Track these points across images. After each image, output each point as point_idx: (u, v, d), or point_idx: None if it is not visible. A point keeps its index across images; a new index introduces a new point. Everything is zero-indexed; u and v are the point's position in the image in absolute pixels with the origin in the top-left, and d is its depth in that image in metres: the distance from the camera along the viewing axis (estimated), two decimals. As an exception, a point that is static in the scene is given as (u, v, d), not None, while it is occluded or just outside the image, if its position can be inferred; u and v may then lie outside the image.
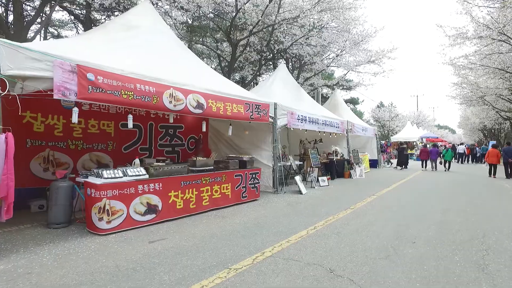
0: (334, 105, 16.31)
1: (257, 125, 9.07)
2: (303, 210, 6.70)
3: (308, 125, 10.45)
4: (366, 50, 14.39)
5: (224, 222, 5.61)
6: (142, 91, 5.28)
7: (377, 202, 7.65)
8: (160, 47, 6.97)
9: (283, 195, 8.53)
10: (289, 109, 9.52)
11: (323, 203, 7.45)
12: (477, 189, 10.32)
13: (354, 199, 7.96)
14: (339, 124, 12.74)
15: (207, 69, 8.08)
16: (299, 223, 5.60)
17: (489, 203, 7.65)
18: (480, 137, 47.21)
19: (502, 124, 31.74)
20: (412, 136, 33.30)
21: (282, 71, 12.07)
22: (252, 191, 7.58)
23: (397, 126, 39.85)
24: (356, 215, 6.23)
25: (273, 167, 8.83)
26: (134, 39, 6.49)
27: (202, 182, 6.29)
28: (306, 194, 8.71)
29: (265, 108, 8.31)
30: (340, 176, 12.84)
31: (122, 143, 7.42)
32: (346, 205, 7.19)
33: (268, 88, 11.13)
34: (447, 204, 7.45)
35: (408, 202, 7.70)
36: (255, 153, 9.25)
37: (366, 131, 16.67)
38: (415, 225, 5.49)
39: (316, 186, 10.06)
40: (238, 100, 7.36)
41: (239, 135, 9.66)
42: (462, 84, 21.39)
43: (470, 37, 11.89)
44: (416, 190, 9.79)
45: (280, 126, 9.12)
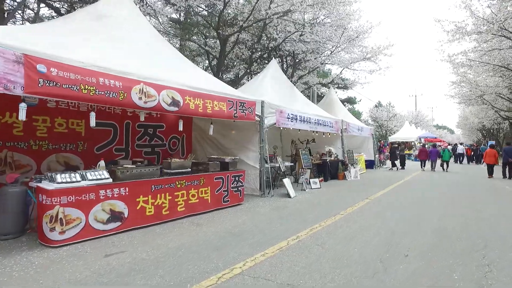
0: (329, 104, 15.78)
1: (244, 124, 8.54)
2: (288, 216, 6.16)
3: (299, 124, 9.91)
4: (361, 46, 13.86)
5: (198, 231, 5.07)
6: (106, 86, 4.73)
7: (370, 207, 7.12)
8: (134, 40, 6.44)
9: (270, 198, 8.00)
10: (278, 107, 8.99)
11: (311, 208, 6.91)
12: (477, 191, 9.80)
13: (345, 203, 7.43)
14: (333, 124, 12.21)
15: (187, 65, 7.53)
16: (281, 231, 5.06)
17: (490, 208, 7.12)
18: (478, 137, 46.80)
19: (501, 124, 31.30)
20: (410, 136, 32.83)
21: (273, 68, 11.53)
22: (235, 195, 7.04)
23: (395, 126, 39.38)
24: (346, 222, 5.70)
25: (260, 168, 8.29)
26: (103, 30, 5.95)
27: (177, 186, 5.75)
28: (294, 197, 8.17)
29: (250, 106, 7.77)
30: (334, 178, 12.31)
31: (94, 144, 6.87)
32: (336, 210, 6.65)
33: (257, 85, 10.60)
34: (445, 208, 6.92)
35: (403, 206, 7.17)
36: (242, 153, 8.72)
37: (362, 130, 16.15)
38: (409, 233, 4.96)
39: (307, 188, 9.52)
40: (220, 97, 6.83)
41: (225, 135, 9.13)
42: (461, 83, 20.91)
43: (469, 32, 11.39)
44: (413, 193, 9.27)
45: (268, 125, 8.59)
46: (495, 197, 8.75)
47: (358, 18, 13.00)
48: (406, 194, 8.96)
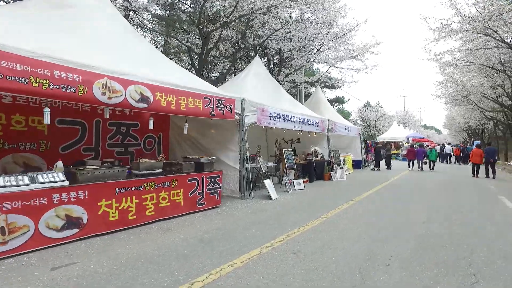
0: (315, 103, 15.49)
1: (224, 123, 8.15)
2: (266, 220, 5.79)
3: (282, 123, 9.56)
4: (347, 43, 13.57)
5: (165, 237, 4.65)
6: (62, 79, 4.28)
7: (354, 209, 6.81)
8: (101, 31, 5.96)
9: (250, 201, 7.62)
10: (260, 106, 8.62)
11: (292, 211, 6.56)
12: (463, 192, 9.62)
13: (328, 206, 7.10)
14: (318, 123, 11.91)
15: (161, 59, 7.08)
16: (256, 237, 4.68)
17: (476, 210, 6.90)
18: (464, 137, 47.40)
19: (486, 124, 31.63)
20: (398, 136, 32.96)
21: (257, 66, 11.14)
22: (212, 198, 6.64)
23: (383, 126, 39.51)
24: (327, 226, 5.36)
25: (240, 169, 7.91)
26: (64, 19, 5.47)
27: (145, 189, 5.32)
28: (276, 199, 7.81)
29: (229, 104, 7.39)
30: (319, 178, 12.01)
31: (59, 143, 6.36)
32: (318, 213, 6.31)
33: (239, 83, 10.21)
34: (430, 211, 6.66)
35: (388, 209, 6.89)
36: (222, 154, 8.33)
37: (350, 130, 15.92)
38: (392, 239, 4.64)
39: (290, 190, 9.18)
40: (195, 93, 6.42)
41: (205, 134, 8.72)
42: (448, 83, 20.92)
43: (455, 31, 11.23)
44: (398, 194, 9.02)
45: (249, 124, 8.21)
46: (480, 198, 8.56)
47: (345, 15, 12.77)
48: (391, 196, 8.70)
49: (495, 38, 10.97)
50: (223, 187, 8.28)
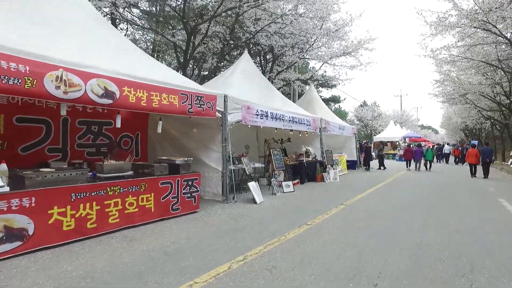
0: (308, 102, 14.96)
1: (206, 122, 7.61)
2: (245, 227, 5.24)
3: (270, 121, 9.01)
4: (340, 38, 13.01)
5: (125, 249, 4.09)
6: (3, 69, 3.71)
7: (343, 215, 6.27)
8: (64, 21, 5.41)
9: (232, 205, 7.07)
10: (245, 103, 8.07)
11: (275, 217, 6.01)
12: (461, 194, 9.11)
13: (316, 210, 6.56)
14: (310, 122, 11.37)
15: (132, 51, 6.51)
16: (228, 249, 4.13)
17: (475, 215, 6.38)
18: (461, 137, 47.05)
19: (483, 124, 31.21)
20: (395, 136, 32.52)
21: (245, 62, 10.59)
22: (188, 202, 6.08)
23: (380, 126, 39.06)
24: (311, 235, 4.82)
25: (223, 171, 7.36)
26: (17, 6, 4.92)
27: (109, 194, 4.75)
28: (261, 204, 7.27)
29: (210, 101, 6.84)
30: (311, 180, 11.48)
31: (19, 143, 5.79)
32: (304, 219, 5.77)
33: (225, 80, 9.66)
34: (426, 216, 6.13)
35: (380, 214, 6.35)
36: (204, 154, 7.79)
37: (344, 129, 15.39)
38: (382, 251, 4.11)
39: (278, 192, 8.63)
40: (170, 89, 5.87)
41: (187, 134, 8.18)
42: (445, 82, 20.46)
43: (452, 25, 10.73)
44: (393, 197, 8.50)
45: (232, 122, 7.67)
46: (478, 201, 8.05)
47: (338, 9, 12.22)
48: (385, 199, 8.18)
49: (494, 33, 10.48)
50: (205, 190, 7.77)
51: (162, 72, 6.52)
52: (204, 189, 7.78)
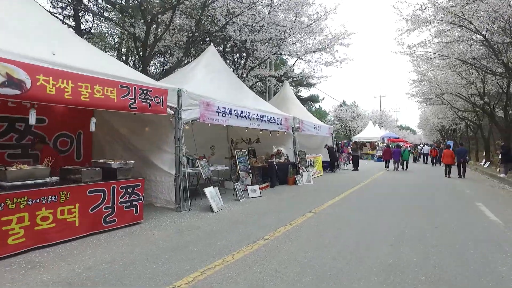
0: (282, 100, 14.23)
1: (159, 120, 6.73)
2: (189, 244, 4.40)
3: (234, 120, 8.20)
4: (314, 32, 12.30)
5: (15, 282, 3.16)
6: None
7: (309, 225, 5.53)
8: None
9: (185, 214, 6.20)
10: (204, 99, 7.22)
11: (230, 229, 5.19)
12: (438, 198, 8.60)
13: (280, 220, 5.80)
14: (281, 121, 10.62)
15: (60, 32, 5.53)
16: (157, 276, 3.28)
17: (454, 223, 5.77)
18: (438, 138, 47.86)
19: (458, 124, 31.61)
20: (373, 136, 32.45)
21: (210, 56, 9.71)
22: (128, 213, 5.17)
23: (359, 126, 39.01)
24: (264, 254, 4.03)
25: (175, 175, 6.48)
26: None
27: (9, 207, 3.78)
28: (218, 212, 6.43)
29: (159, 95, 5.96)
30: (283, 183, 10.73)
31: None
32: (262, 232, 4.99)
33: (186, 74, 8.77)
34: (401, 226, 5.47)
35: (351, 224, 5.65)
36: (155, 156, 6.89)
37: (320, 129, 14.76)
38: (345, 276, 3.36)
39: (242, 198, 7.82)
40: (105, 80, 4.97)
41: (138, 133, 7.26)
42: (422, 82, 20.30)
43: (428, 21, 10.27)
44: (367, 202, 7.87)
45: (188, 120, 6.81)
46: (456, 207, 7.52)
47: (312, 2, 11.53)
48: (358, 205, 7.52)
49: (470, 29, 10.09)
50: (157, 196, 6.88)
51: (101, 61, 5.59)
52: (156, 195, 6.89)
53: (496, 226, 5.49)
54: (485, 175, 15.99)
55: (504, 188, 11.10)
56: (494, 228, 5.40)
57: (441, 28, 11.00)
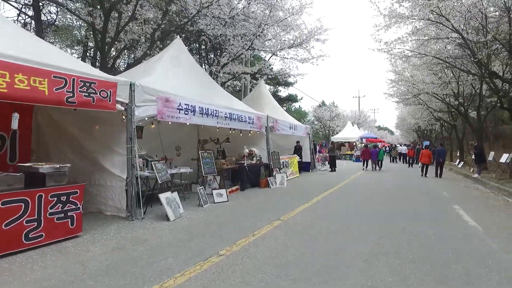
0: (257, 98, 13.64)
1: (110, 117, 5.96)
2: (128, 263, 3.69)
3: (198, 118, 7.52)
4: (290, 26, 11.72)
5: None
6: None
7: (274, 237, 4.92)
8: None
9: (137, 224, 5.47)
10: (162, 94, 6.50)
11: (182, 242, 4.51)
12: (415, 201, 8.24)
13: (242, 230, 5.17)
14: (253, 120, 10.01)
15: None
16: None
17: (432, 231, 5.30)
18: (414, 138, 48.80)
19: (433, 125, 32.17)
20: (352, 136, 32.44)
21: (176, 49, 8.94)
22: (61, 225, 4.39)
23: (337, 126, 39.03)
24: (212, 277, 3.37)
25: (127, 179, 5.73)
26: None
27: None
28: (175, 221, 5.73)
29: (106, 89, 5.22)
30: (255, 185, 10.13)
31: None
32: (218, 246, 4.33)
33: (148, 67, 8.01)
34: (376, 236, 4.96)
35: (322, 235, 5.08)
36: (106, 158, 6.12)
37: (296, 129, 14.28)
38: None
39: (207, 203, 7.16)
40: (32, 68, 4.21)
41: (88, 132, 6.45)
42: (399, 82, 20.29)
43: (405, 16, 9.98)
44: (341, 207, 7.36)
45: (144, 117, 6.07)
46: (434, 210, 7.15)
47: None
48: (331, 210, 6.99)
49: (447, 26, 9.86)
50: (107, 203, 6.10)
51: (31, 47, 4.77)
52: (106, 202, 6.10)
53: (476, 234, 5.08)
54: (460, 175, 16.04)
55: (478, 189, 10.98)
56: (474, 236, 4.98)
57: (418, 26, 10.73)
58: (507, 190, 9.75)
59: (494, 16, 11.61)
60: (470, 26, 10.60)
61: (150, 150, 8.27)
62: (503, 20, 11.08)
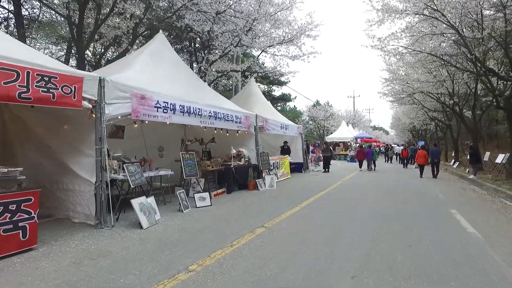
0: (247, 97, 13.15)
1: (79, 116, 5.44)
2: (78, 283, 3.19)
3: (179, 117, 7.02)
4: (276, 20, 11.20)
5: None
6: None
7: (254, 247, 4.44)
8: None
9: (105, 232, 4.97)
10: (137, 91, 6.00)
11: (149, 255, 4.01)
12: (410, 204, 7.81)
13: (220, 240, 4.69)
14: (241, 119, 9.53)
15: None
16: None
17: (427, 237, 4.89)
18: (409, 138, 48.66)
19: (428, 125, 31.97)
20: (346, 136, 32.09)
21: (158, 44, 8.45)
22: (10, 238, 3.86)
23: (332, 126, 38.68)
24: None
25: (96, 183, 5.22)
26: None
27: None
28: (148, 229, 5.23)
29: (70, 84, 4.72)
30: (243, 188, 9.66)
31: None
32: (189, 259, 3.85)
33: (125, 64, 7.49)
34: (368, 246, 4.50)
35: (306, 245, 4.61)
36: (74, 160, 5.61)
37: (288, 129, 13.81)
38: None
39: (188, 208, 6.67)
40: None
41: (56, 131, 5.92)
42: (394, 81, 19.94)
43: (399, 10, 9.58)
44: (332, 212, 6.89)
45: (114, 115, 5.56)
46: (430, 216, 6.70)
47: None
48: (321, 216, 6.52)
49: (442, 21, 9.46)
50: (75, 210, 5.60)
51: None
52: (74, 208, 5.60)
53: (476, 242, 4.65)
54: (455, 176, 15.72)
55: (475, 190, 10.61)
56: (474, 245, 4.55)
57: (412, 21, 10.33)
58: (505, 192, 9.38)
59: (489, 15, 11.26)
60: (465, 24, 10.25)
61: (132, 151, 7.79)
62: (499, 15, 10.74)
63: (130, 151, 7.86)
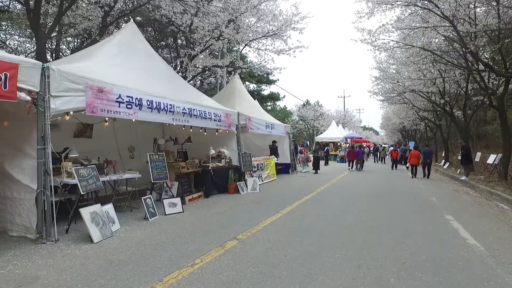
0: (230, 94, 12.40)
1: (21, 111, 4.63)
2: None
3: (146, 113, 6.25)
4: (257, 9, 10.45)
5: None
6: None
7: (218, 266, 3.72)
8: None
9: (46, 248, 4.19)
10: (93, 82, 5.21)
11: (87, 280, 3.25)
12: (402, 210, 7.19)
13: (181, 257, 3.96)
14: (220, 117, 8.78)
15: None
16: None
17: (423, 251, 4.25)
18: (399, 138, 48.61)
19: (418, 125, 31.75)
20: (336, 136, 31.65)
21: (128, 33, 7.69)
22: None
23: (322, 126, 38.21)
24: None
25: (38, 190, 4.42)
26: None
27: None
28: (99, 243, 4.45)
29: (1, 71, 3.90)
30: (223, 191, 8.92)
31: None
32: (136, 285, 3.11)
33: (88, 53, 6.70)
34: (355, 266, 3.82)
35: (283, 262, 3.91)
36: (13, 163, 4.78)
37: (273, 128, 13.12)
38: None
39: (155, 216, 5.90)
40: None
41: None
42: (384, 79, 19.47)
43: (391, 0, 9.00)
44: (315, 219, 6.21)
45: (62, 110, 4.76)
46: (424, 222, 6.10)
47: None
48: (303, 226, 5.82)
49: (435, 13, 8.92)
50: (13, 221, 4.78)
51: None
52: (12, 219, 4.77)
53: (481, 259, 3.98)
54: (446, 177, 15.30)
55: (468, 193, 10.11)
56: (477, 261, 3.91)
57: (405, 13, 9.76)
58: (499, 195, 8.89)
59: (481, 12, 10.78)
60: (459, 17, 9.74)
61: (103, 152, 7.06)
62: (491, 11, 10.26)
63: (99, 151, 7.11)
